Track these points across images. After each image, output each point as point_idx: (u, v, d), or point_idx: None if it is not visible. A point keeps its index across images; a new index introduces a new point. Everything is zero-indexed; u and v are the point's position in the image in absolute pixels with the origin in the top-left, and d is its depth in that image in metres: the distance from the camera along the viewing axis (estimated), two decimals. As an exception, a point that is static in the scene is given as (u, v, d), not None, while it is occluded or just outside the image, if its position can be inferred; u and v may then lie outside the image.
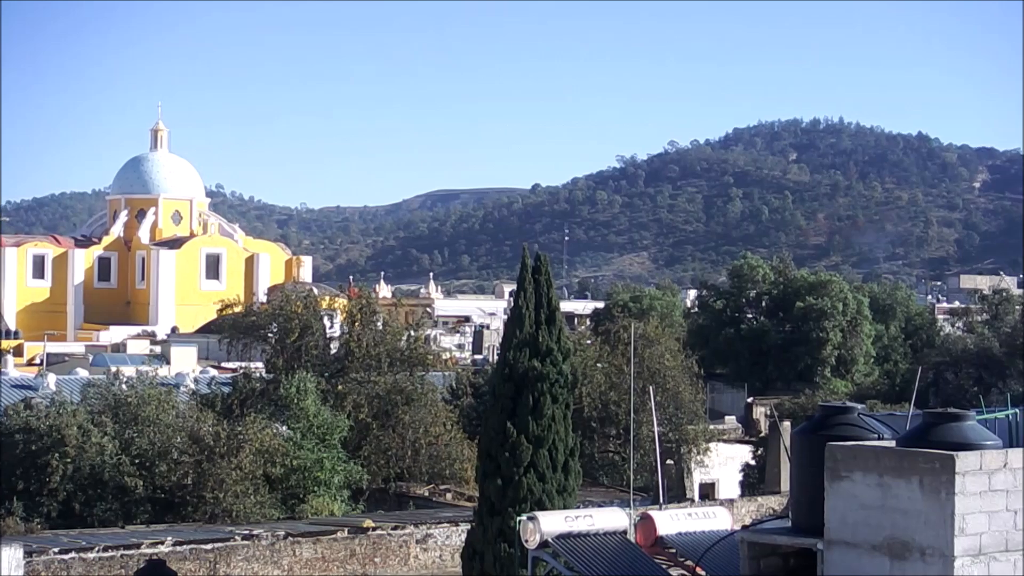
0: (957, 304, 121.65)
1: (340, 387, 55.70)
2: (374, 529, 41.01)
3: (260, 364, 61.25)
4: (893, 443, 14.01)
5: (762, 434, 67.55)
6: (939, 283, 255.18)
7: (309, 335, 58.87)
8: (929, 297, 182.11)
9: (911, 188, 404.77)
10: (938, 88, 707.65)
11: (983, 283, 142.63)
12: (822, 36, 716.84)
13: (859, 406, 15.67)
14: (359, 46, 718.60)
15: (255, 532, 40.01)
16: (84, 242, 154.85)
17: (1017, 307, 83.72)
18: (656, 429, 39.94)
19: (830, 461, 13.82)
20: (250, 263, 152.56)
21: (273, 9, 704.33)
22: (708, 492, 60.72)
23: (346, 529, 41.12)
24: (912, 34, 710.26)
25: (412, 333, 59.78)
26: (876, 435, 14.71)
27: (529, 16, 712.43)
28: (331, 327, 63.69)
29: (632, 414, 46.20)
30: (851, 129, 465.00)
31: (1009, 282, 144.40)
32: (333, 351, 60.20)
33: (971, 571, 12.88)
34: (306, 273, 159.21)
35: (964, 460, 12.92)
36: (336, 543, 39.72)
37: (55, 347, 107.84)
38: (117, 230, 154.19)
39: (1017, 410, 14.40)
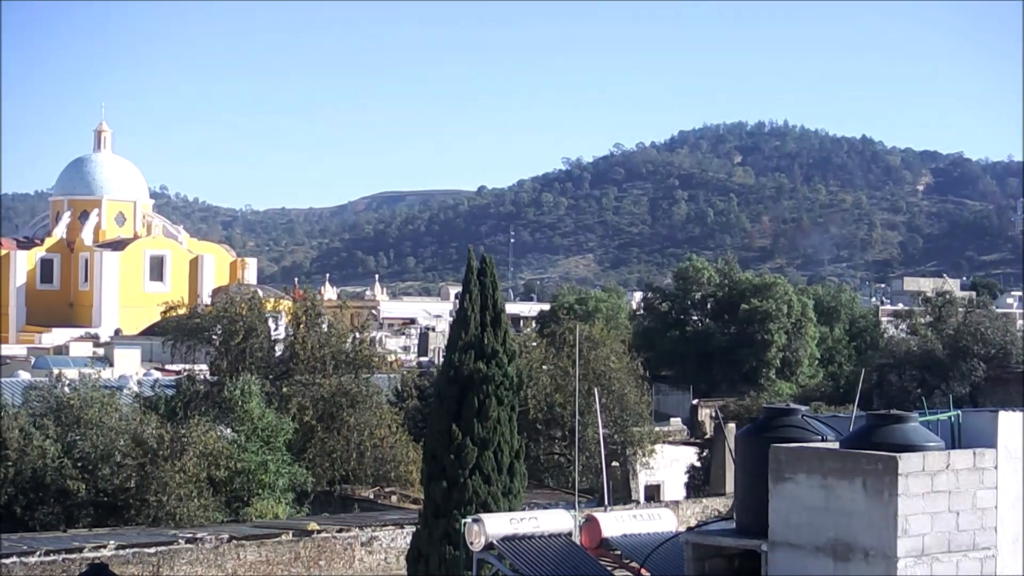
0: (901, 306, 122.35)
1: (285, 389, 55.47)
2: (319, 532, 40.83)
3: (204, 366, 60.94)
4: (837, 445, 14.05)
5: (707, 436, 67.71)
6: (883, 285, 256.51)
7: (254, 337, 58.61)
8: (873, 299, 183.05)
9: (855, 191, 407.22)
10: (882, 91, 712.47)
11: (926, 285, 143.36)
12: (767, 39, 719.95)
13: (803, 408, 15.72)
14: (304, 46, 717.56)
15: (199, 535, 39.77)
16: (26, 244, 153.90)
17: (960, 309, 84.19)
18: (601, 431, 39.89)
19: (774, 463, 13.85)
20: (194, 265, 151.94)
21: (217, 9, 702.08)
22: (653, 494, 60.83)
23: (291, 532, 40.95)
24: (856, 37, 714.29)
25: (357, 335, 59.62)
26: (820, 437, 14.76)
27: (474, 17, 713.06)
28: (276, 329, 63.49)
29: (577, 416, 46.38)
30: (796, 132, 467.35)
31: (952, 284, 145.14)
32: (278, 353, 59.98)
33: (914, 572, 12.93)
34: (251, 275, 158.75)
35: (907, 462, 12.97)
36: (280, 546, 39.54)
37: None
38: (60, 231, 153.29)
39: (959, 412, 14.46)
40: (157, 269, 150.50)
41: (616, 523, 19.85)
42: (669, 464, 62.39)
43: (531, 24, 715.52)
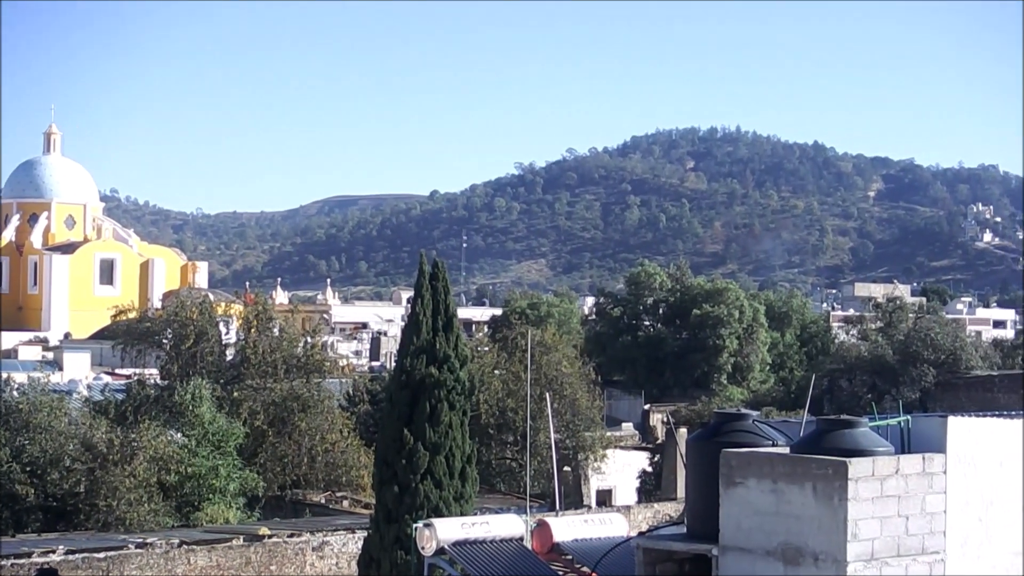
0: (852, 312, 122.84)
1: (236, 394, 55.32)
2: (270, 537, 40.67)
3: (155, 371, 60.75)
4: (787, 450, 14.09)
5: (659, 441, 67.89)
6: (834, 291, 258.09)
7: (204, 341, 58.45)
8: (824, 305, 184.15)
9: (807, 197, 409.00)
10: (834, 97, 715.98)
11: (877, 291, 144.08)
12: (720, 44, 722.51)
13: (754, 413, 15.76)
14: (255, 49, 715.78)
15: (149, 540, 39.55)
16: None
17: (910, 315, 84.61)
18: (553, 436, 39.98)
19: (725, 467, 13.87)
20: (145, 268, 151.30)
21: (169, 10, 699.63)
22: (605, 499, 60.89)
23: (241, 537, 40.77)
24: (809, 43, 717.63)
25: (309, 340, 59.52)
26: (770, 442, 14.80)
27: (427, 22, 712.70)
28: (227, 333, 63.31)
29: (529, 421, 46.30)
30: (748, 138, 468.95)
31: (903, 290, 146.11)
32: (229, 358, 59.83)
33: (863, 576, 12.98)
34: (202, 279, 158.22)
35: (857, 466, 13.02)
36: (231, 551, 39.37)
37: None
38: (9, 234, 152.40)
39: (909, 417, 14.53)
40: (107, 273, 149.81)
41: (567, 528, 19.86)
42: (621, 469, 62.45)
43: (484, 29, 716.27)
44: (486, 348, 67.59)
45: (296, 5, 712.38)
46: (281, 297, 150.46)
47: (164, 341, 60.45)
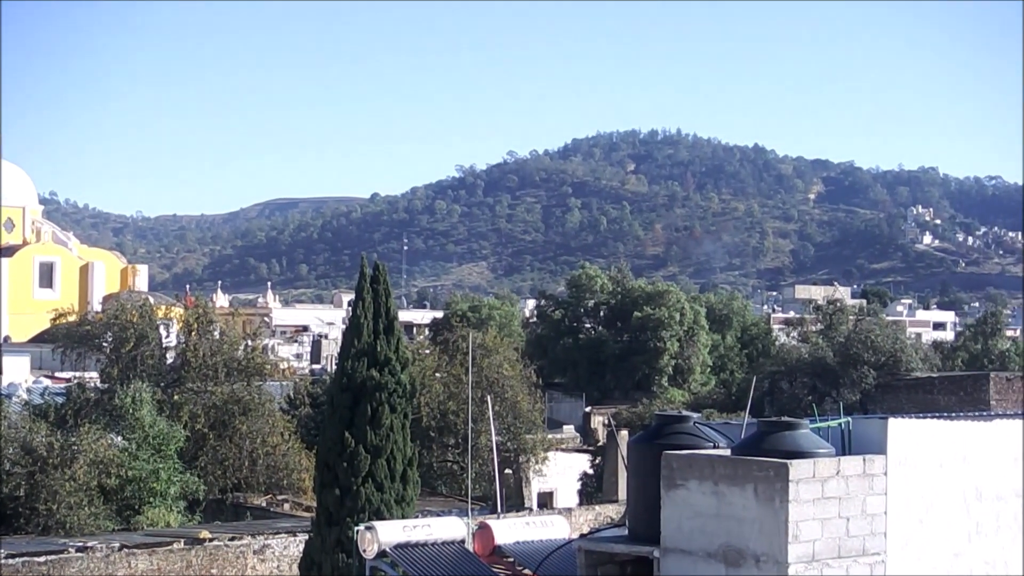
0: (792, 314, 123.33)
1: (176, 397, 55.06)
2: (211, 540, 40.51)
3: (95, 374, 60.35)
4: (728, 452, 14.12)
5: (600, 443, 67.90)
6: (775, 293, 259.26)
7: (145, 345, 58.14)
8: (765, 307, 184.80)
9: (747, 199, 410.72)
10: (774, 100, 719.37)
11: (817, 293, 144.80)
12: (660, 47, 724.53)
13: (695, 415, 15.79)
14: (193, 52, 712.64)
15: (89, 544, 39.34)
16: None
17: (851, 317, 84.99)
18: (494, 438, 39.89)
19: (666, 470, 13.89)
20: (85, 272, 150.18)
21: (109, 10, 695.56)
22: (546, 501, 60.88)
23: (182, 540, 40.59)
24: (748, 46, 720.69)
25: (249, 343, 59.33)
26: (711, 444, 14.82)
27: (368, 24, 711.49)
28: (167, 337, 63.00)
29: (470, 423, 46.36)
30: (688, 140, 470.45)
31: (843, 292, 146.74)
32: (169, 361, 59.54)
33: (804, 578, 13.02)
34: (142, 282, 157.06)
35: (797, 468, 13.05)
36: (172, 554, 39.18)
37: None
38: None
39: (849, 419, 14.58)
40: (46, 276, 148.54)
41: (509, 530, 19.85)
42: (562, 471, 62.46)
43: (424, 31, 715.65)
44: (427, 351, 67.49)
45: (236, 7, 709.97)
46: (222, 300, 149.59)
47: (104, 344, 60.08)
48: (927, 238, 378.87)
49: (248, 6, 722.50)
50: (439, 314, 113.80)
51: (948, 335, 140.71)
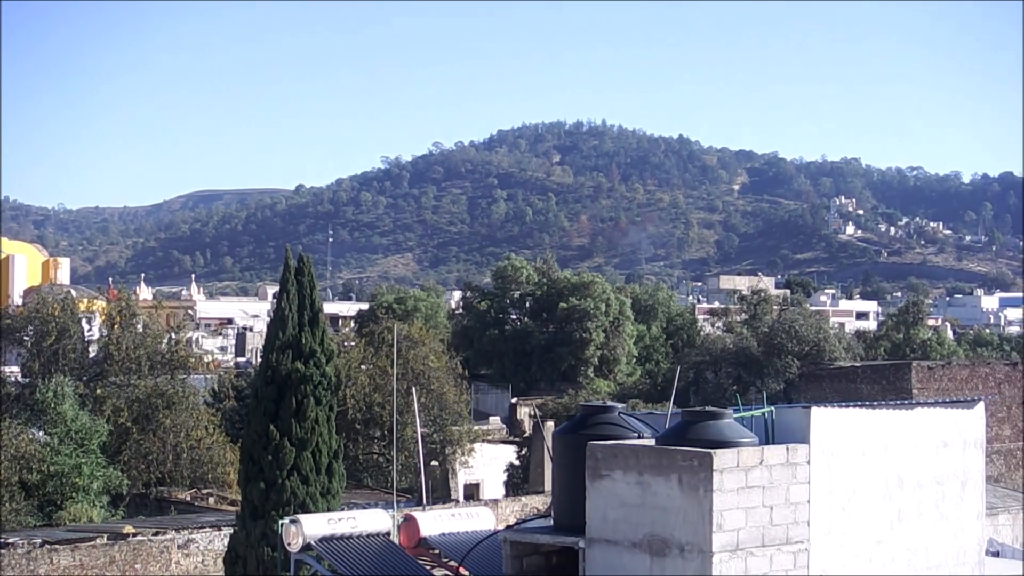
0: (717, 304, 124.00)
1: (99, 391, 54.67)
2: (134, 535, 40.19)
3: (15, 368, 59.86)
4: (653, 442, 14.12)
5: (526, 434, 67.98)
6: (699, 284, 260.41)
7: (67, 338, 57.68)
8: (690, 298, 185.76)
9: (672, 190, 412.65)
10: (699, 91, 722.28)
11: (742, 284, 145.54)
12: (585, 38, 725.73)
13: (620, 405, 15.77)
14: (116, 42, 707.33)
15: (10, 540, 38.91)
16: None
17: (774, 307, 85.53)
18: (420, 430, 39.86)
19: (591, 460, 13.87)
20: (5, 265, 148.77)
21: (34, 7, 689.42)
22: (472, 493, 60.88)
23: (105, 536, 40.23)
24: (671, 37, 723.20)
25: (173, 336, 58.97)
26: (636, 434, 14.82)
27: (291, 13, 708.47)
28: (90, 330, 62.56)
29: (396, 415, 46.24)
30: (614, 131, 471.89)
31: (767, 283, 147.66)
32: (92, 354, 59.12)
33: (728, 567, 13.04)
34: (64, 275, 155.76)
35: (721, 457, 13.07)
36: (95, 550, 38.84)
37: None
38: None
39: (773, 408, 14.62)
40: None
41: (434, 522, 19.79)
42: (488, 463, 62.49)
43: (350, 22, 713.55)
44: (352, 343, 67.34)
45: (160, 5, 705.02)
46: (145, 293, 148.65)
47: (25, 338, 59.59)
48: (850, 228, 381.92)
49: (168, 6, 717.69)
50: (364, 306, 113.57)
51: (871, 325, 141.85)
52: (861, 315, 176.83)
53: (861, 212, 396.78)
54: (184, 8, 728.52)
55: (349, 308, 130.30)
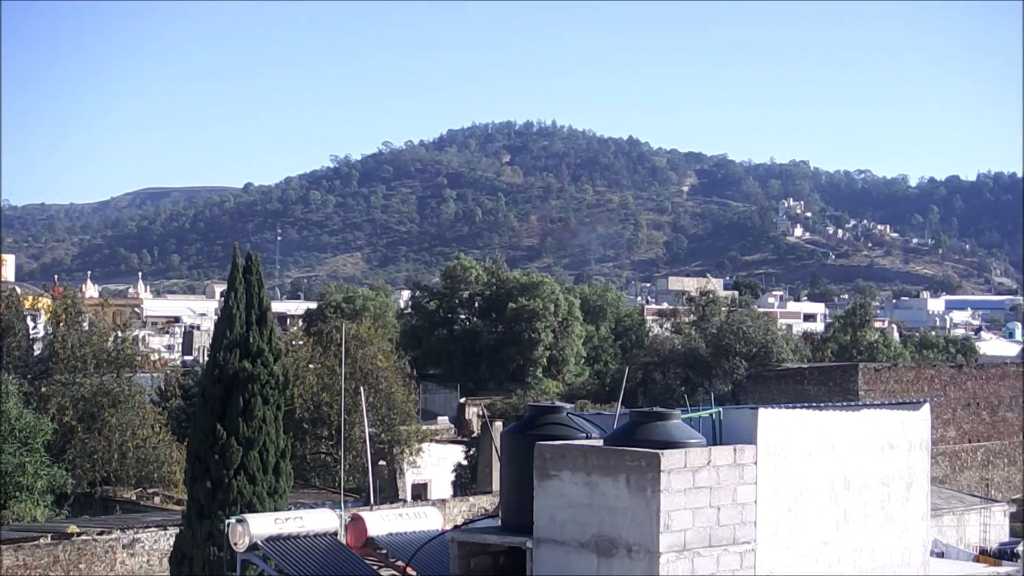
0: (666, 305, 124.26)
1: (44, 389, 54.29)
2: (79, 535, 39.93)
3: (-41, 366, 59.35)
4: (601, 442, 14.12)
5: (474, 434, 68.02)
6: (648, 284, 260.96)
7: (11, 336, 57.25)
8: (639, 298, 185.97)
9: (622, 191, 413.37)
10: (648, 93, 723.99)
11: (690, 285, 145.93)
12: (535, 40, 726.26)
13: (568, 406, 15.75)
14: (62, 39, 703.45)
15: (-47, 540, 38.64)
16: None
17: (723, 309, 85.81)
18: (368, 430, 39.79)
19: (539, 460, 13.86)
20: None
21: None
22: (421, 492, 60.84)
23: (49, 535, 39.96)
24: (622, 38, 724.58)
25: (119, 334, 58.58)
26: (584, 434, 14.81)
27: (238, 13, 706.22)
28: (34, 328, 62.17)
29: (344, 415, 46.08)
30: (564, 132, 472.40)
31: (715, 284, 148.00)
32: (36, 352, 58.71)
33: (676, 567, 13.04)
34: (8, 272, 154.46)
35: (669, 458, 13.08)
36: (39, 550, 38.56)
37: None
38: None
39: (720, 409, 14.65)
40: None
41: (382, 522, 19.73)
42: (436, 462, 62.45)
43: (299, 20, 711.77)
44: (301, 342, 67.16)
45: (104, 6, 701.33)
46: (91, 291, 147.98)
47: (-31, 336, 59.11)
48: (798, 230, 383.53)
49: (121, 6, 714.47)
50: (313, 305, 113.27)
51: (818, 326, 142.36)
52: (809, 317, 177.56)
53: (809, 214, 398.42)
54: (134, 7, 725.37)
55: (297, 307, 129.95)
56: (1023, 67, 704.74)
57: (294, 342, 67.24)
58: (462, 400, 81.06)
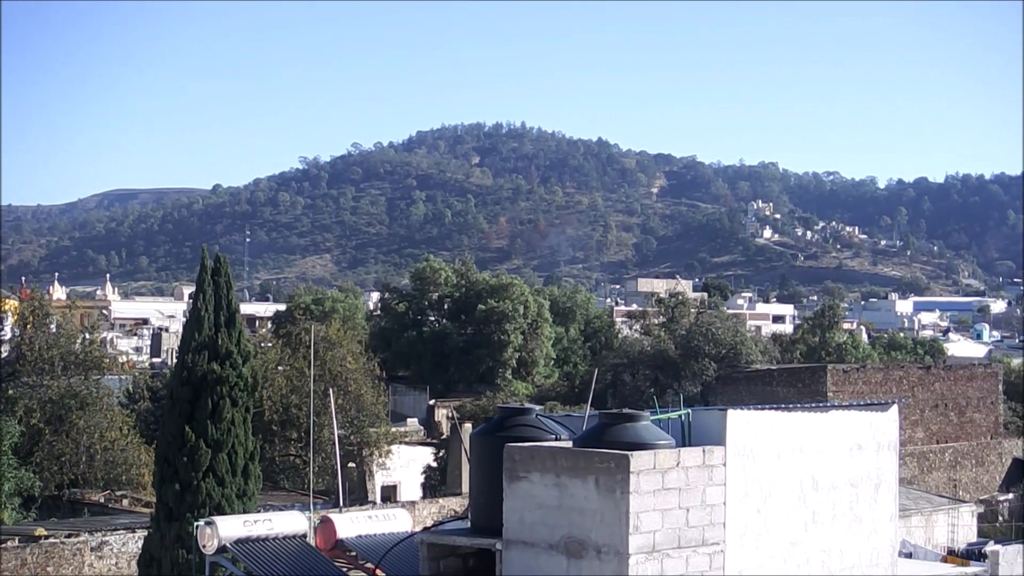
0: (635, 307, 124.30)
1: (11, 391, 54.03)
2: (46, 537, 39.81)
3: (-75, 369, 59.07)
4: (570, 444, 14.12)
5: (444, 436, 67.92)
6: (618, 286, 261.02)
7: (-22, 338, 57.02)
8: (608, 300, 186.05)
9: (591, 193, 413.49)
10: (618, 95, 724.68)
11: (660, 286, 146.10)
12: (504, 40, 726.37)
13: (537, 408, 15.77)
14: (29, 40, 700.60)
15: (-80, 543, 38.47)
16: None
17: (692, 310, 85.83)
18: (337, 432, 39.70)
19: (508, 462, 13.86)
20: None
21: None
22: (390, 494, 60.76)
23: (17, 538, 39.82)
24: (592, 40, 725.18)
25: (87, 336, 58.36)
26: (554, 436, 14.82)
27: (207, 15, 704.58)
28: (1, 330, 61.83)
29: (313, 417, 46.03)
30: (533, 134, 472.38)
31: (685, 286, 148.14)
32: (4, 354, 58.43)
33: (645, 568, 13.06)
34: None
35: (638, 459, 13.09)
36: (6, 552, 38.43)
37: None
38: None
39: (690, 411, 14.67)
40: None
41: (351, 524, 19.72)
42: (406, 464, 62.39)
43: (268, 22, 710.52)
44: (269, 344, 66.97)
45: (77, 4, 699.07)
46: (59, 292, 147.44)
47: (-65, 338, 58.84)
48: (767, 232, 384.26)
49: (85, 6, 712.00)
50: (282, 307, 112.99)
51: (787, 328, 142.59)
52: (777, 318, 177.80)
53: (778, 216, 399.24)
54: (100, 7, 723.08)
55: (266, 309, 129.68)
56: (998, 71, 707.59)
57: (263, 344, 67.06)
58: (431, 402, 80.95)
